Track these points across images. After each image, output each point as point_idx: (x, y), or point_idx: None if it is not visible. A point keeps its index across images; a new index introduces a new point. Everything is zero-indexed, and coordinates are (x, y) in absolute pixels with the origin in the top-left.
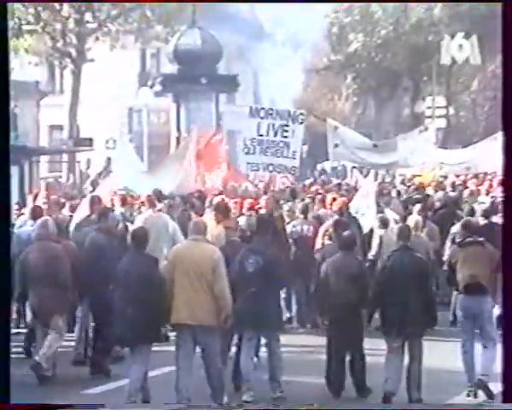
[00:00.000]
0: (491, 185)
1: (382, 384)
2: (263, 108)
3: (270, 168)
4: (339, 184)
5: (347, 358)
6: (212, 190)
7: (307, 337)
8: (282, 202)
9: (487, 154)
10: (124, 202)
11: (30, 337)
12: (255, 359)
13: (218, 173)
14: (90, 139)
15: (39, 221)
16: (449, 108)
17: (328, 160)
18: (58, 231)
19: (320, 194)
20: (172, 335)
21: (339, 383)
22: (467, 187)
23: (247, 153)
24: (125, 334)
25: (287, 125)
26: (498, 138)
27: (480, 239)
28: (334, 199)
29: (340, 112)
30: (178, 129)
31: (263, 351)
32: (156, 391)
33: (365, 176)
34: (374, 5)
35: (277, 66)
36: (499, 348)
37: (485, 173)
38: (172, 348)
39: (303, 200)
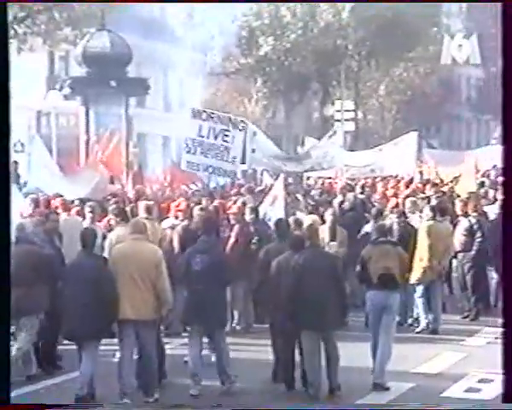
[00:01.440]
0: (398, 188)
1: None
2: (205, 111)
3: (210, 170)
4: (250, 188)
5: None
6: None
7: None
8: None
9: (391, 157)
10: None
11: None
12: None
13: (130, 177)
14: None
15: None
16: (357, 111)
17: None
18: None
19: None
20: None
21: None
22: (375, 190)
23: (187, 152)
24: (75, 331)
25: (227, 131)
26: (399, 143)
27: (393, 240)
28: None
29: (251, 115)
30: (87, 132)
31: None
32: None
33: (275, 179)
34: (283, 9)
35: (188, 69)
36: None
37: (392, 176)
38: None
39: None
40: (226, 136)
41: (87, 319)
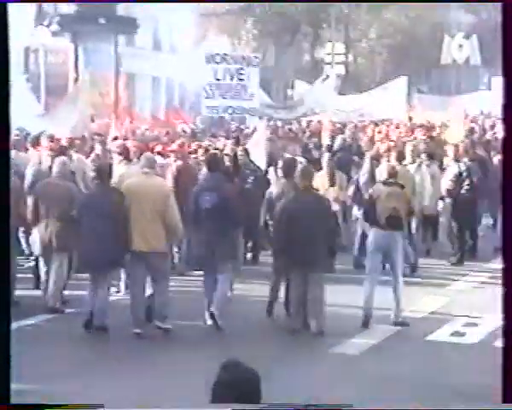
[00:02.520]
0: (387, 132)
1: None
2: (218, 54)
3: (230, 110)
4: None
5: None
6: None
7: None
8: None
9: (381, 101)
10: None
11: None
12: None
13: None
14: None
15: (58, 160)
16: (347, 54)
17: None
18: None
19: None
20: None
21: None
22: (365, 133)
23: (206, 97)
24: (91, 261)
25: (242, 69)
26: (389, 87)
27: (401, 182)
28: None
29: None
30: (76, 70)
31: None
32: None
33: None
34: None
35: (177, 9)
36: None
37: (381, 121)
38: None
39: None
40: (241, 74)
41: (102, 251)
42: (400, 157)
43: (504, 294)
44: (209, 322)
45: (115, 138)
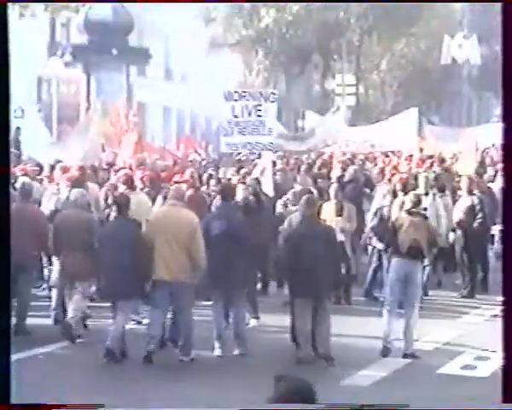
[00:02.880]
0: (398, 163)
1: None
2: (236, 92)
3: (249, 146)
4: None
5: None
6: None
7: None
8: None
9: (391, 132)
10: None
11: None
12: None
13: (128, 145)
14: None
15: (76, 190)
16: (358, 85)
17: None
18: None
19: None
20: None
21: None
22: (376, 164)
23: (225, 134)
24: (111, 289)
25: (259, 105)
26: (400, 119)
27: (424, 212)
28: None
29: (251, 87)
30: (88, 100)
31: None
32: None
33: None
34: None
35: (189, 40)
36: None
37: (392, 152)
38: None
39: None
40: (259, 110)
41: (122, 279)
42: (409, 188)
43: (504, 295)
44: (217, 352)
45: (120, 169)
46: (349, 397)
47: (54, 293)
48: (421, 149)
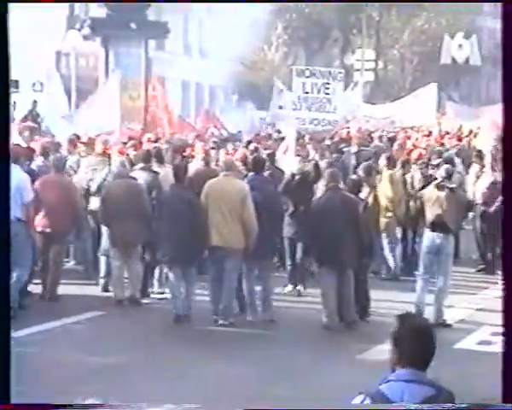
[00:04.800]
0: (416, 139)
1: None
2: (307, 69)
3: (315, 122)
4: (269, 135)
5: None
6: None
7: None
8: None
9: (411, 108)
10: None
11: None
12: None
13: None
14: (16, 81)
15: (119, 161)
16: (378, 61)
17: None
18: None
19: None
20: None
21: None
22: (395, 140)
23: (294, 109)
24: (174, 256)
25: (328, 83)
26: (419, 95)
27: (453, 185)
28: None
29: (270, 62)
30: (107, 74)
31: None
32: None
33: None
34: None
35: (207, 14)
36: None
37: (411, 128)
38: None
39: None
40: (327, 88)
41: (184, 246)
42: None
43: (504, 294)
44: (249, 318)
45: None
46: (364, 371)
47: (103, 261)
48: (440, 125)
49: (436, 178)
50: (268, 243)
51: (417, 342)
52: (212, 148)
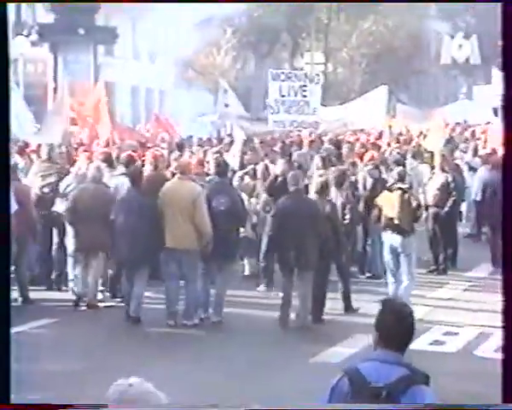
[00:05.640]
0: (368, 141)
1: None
2: (283, 72)
3: (295, 124)
4: (221, 139)
5: None
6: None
7: None
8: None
9: (362, 111)
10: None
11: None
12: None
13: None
14: None
15: (93, 166)
16: (327, 64)
17: (206, 114)
18: None
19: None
20: None
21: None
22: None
23: (272, 113)
24: (128, 258)
25: (305, 86)
26: (369, 97)
27: (406, 186)
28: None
29: (220, 66)
30: (55, 80)
31: None
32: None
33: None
34: None
35: (157, 19)
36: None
37: (362, 130)
38: None
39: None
40: (304, 91)
41: (138, 247)
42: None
43: (504, 293)
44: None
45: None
46: (318, 375)
47: (70, 263)
48: (390, 127)
49: (387, 181)
50: (227, 245)
51: (394, 325)
52: (168, 152)
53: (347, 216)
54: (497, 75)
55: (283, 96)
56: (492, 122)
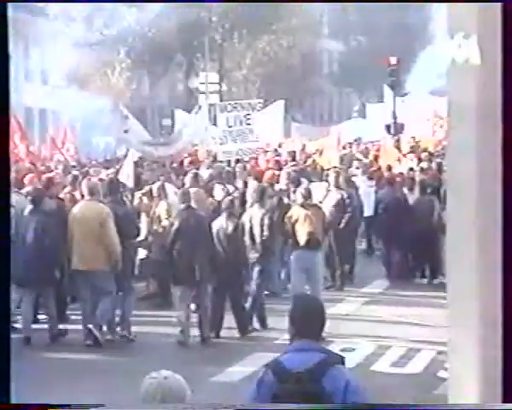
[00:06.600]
0: (267, 160)
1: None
2: (229, 104)
3: (241, 153)
4: (107, 161)
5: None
6: None
7: None
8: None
9: (259, 126)
10: None
11: None
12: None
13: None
14: None
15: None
16: (221, 83)
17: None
18: None
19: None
20: None
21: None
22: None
23: (221, 143)
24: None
25: (249, 115)
26: (266, 112)
27: (318, 203)
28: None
29: (114, 87)
30: None
31: None
32: None
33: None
34: None
35: (49, 40)
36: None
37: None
38: None
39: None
40: (249, 119)
41: (36, 269)
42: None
43: (504, 294)
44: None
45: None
46: (219, 394)
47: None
48: (280, 145)
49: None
50: (126, 265)
51: (305, 315)
52: (73, 175)
53: (265, 233)
54: (389, 93)
55: (230, 126)
56: (385, 139)
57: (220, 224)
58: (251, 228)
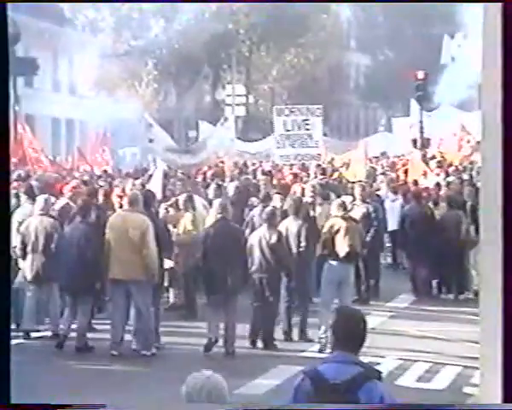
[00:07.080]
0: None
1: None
2: (287, 108)
3: (299, 158)
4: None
5: None
6: None
7: None
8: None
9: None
10: None
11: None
12: None
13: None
14: None
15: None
16: (248, 96)
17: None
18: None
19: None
20: None
21: None
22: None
23: (278, 147)
24: (71, 286)
25: (307, 120)
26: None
27: (355, 217)
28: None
29: (141, 98)
30: None
31: None
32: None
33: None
34: None
35: (77, 50)
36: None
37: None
38: None
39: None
40: (307, 124)
41: (81, 277)
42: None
43: (504, 290)
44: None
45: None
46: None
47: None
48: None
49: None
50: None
51: (347, 329)
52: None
53: (303, 244)
54: (416, 108)
55: (288, 130)
56: (412, 153)
57: (261, 234)
58: (286, 239)
